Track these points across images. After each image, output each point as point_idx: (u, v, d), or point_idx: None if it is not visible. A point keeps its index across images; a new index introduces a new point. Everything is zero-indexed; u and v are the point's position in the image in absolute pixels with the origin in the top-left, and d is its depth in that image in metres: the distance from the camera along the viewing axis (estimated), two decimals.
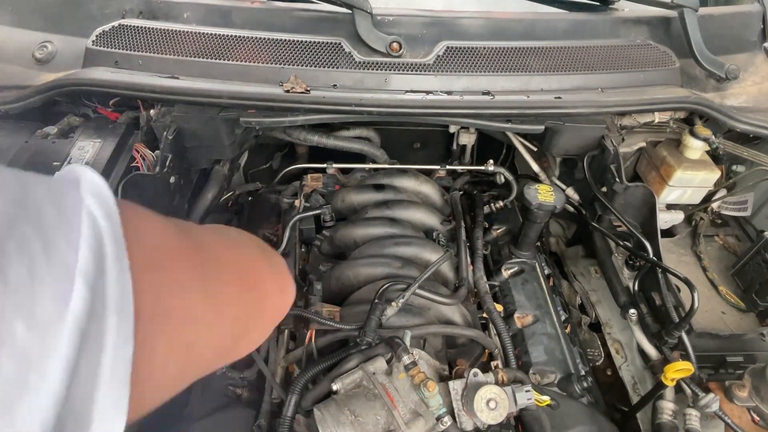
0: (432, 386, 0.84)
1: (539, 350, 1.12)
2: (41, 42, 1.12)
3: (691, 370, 0.97)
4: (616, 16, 1.21)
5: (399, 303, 1.01)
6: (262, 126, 1.12)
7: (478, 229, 1.33)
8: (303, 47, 1.06)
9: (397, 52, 1.05)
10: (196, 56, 1.06)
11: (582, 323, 1.34)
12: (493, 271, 1.30)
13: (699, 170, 1.17)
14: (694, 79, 1.20)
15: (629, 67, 1.14)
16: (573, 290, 1.42)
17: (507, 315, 1.20)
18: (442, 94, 1.06)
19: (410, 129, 1.54)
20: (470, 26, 1.12)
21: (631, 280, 1.20)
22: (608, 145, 1.17)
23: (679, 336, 1.03)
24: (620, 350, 1.26)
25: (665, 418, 1.01)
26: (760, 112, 1.14)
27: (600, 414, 1.03)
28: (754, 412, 0.99)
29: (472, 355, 1.08)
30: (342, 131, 1.39)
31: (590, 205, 1.30)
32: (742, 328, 1.14)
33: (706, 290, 1.22)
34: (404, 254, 1.19)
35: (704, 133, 1.15)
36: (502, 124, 1.12)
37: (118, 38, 1.08)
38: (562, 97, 1.07)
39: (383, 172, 1.43)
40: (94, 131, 1.06)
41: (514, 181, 1.42)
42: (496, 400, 0.85)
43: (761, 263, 1.14)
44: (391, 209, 1.32)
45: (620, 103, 1.09)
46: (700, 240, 1.33)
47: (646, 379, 1.18)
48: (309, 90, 1.02)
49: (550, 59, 1.10)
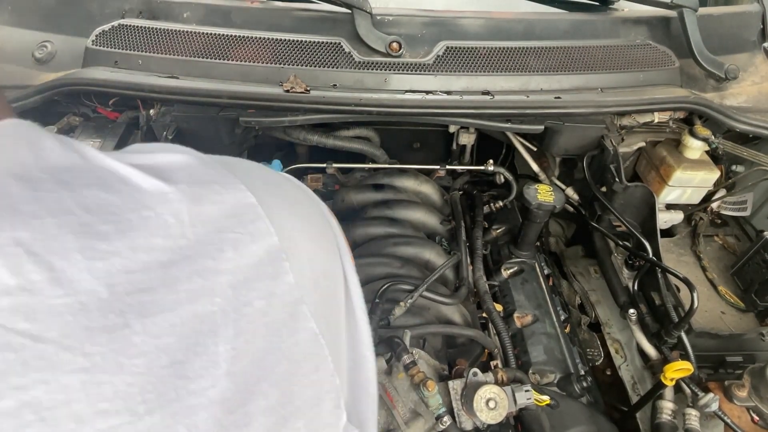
0: (431, 386, 0.84)
1: (539, 350, 1.12)
2: (41, 42, 1.12)
3: (691, 370, 0.97)
4: (615, 16, 1.21)
5: (407, 303, 1.01)
6: (262, 126, 1.12)
7: (477, 229, 1.33)
8: (303, 47, 1.06)
9: (397, 52, 1.05)
10: (195, 56, 1.06)
11: (581, 323, 1.34)
12: (493, 271, 1.31)
13: (698, 170, 1.17)
14: (693, 79, 1.20)
15: (629, 67, 1.14)
16: (572, 290, 1.43)
17: (506, 315, 1.20)
18: (442, 94, 1.06)
19: (410, 129, 1.54)
20: (470, 26, 1.12)
21: (630, 280, 1.20)
22: (608, 145, 1.18)
23: (678, 336, 1.03)
24: (620, 350, 1.27)
25: (665, 418, 1.01)
26: (759, 112, 1.14)
27: (599, 414, 1.03)
28: (753, 412, 0.99)
29: (472, 355, 1.08)
30: (342, 131, 1.39)
31: (590, 205, 1.30)
32: (741, 328, 1.14)
33: (706, 290, 1.22)
34: (404, 254, 1.19)
35: (704, 133, 1.15)
36: (501, 124, 1.12)
37: (118, 38, 1.08)
38: (561, 97, 1.07)
39: (383, 172, 1.43)
40: (93, 131, 1.06)
41: (514, 181, 1.42)
42: (496, 400, 0.85)
43: (761, 263, 1.14)
44: (391, 209, 1.32)
45: (620, 103, 1.09)
46: (699, 240, 1.33)
47: (646, 379, 1.18)
48: (309, 90, 1.02)
49: (549, 59, 1.10)
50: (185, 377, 0.28)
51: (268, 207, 0.35)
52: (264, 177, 0.41)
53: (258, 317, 0.32)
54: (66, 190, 0.30)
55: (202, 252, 0.31)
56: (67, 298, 0.26)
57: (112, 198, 0.31)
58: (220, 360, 0.29)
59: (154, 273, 0.29)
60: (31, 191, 0.29)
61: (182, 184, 0.33)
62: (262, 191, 0.36)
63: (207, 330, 0.29)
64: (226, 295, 0.31)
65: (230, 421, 0.28)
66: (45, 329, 0.25)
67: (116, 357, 0.26)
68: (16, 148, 0.32)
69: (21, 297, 0.25)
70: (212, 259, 0.31)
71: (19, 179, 0.29)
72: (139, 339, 0.27)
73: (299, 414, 0.32)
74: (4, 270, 0.26)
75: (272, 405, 0.31)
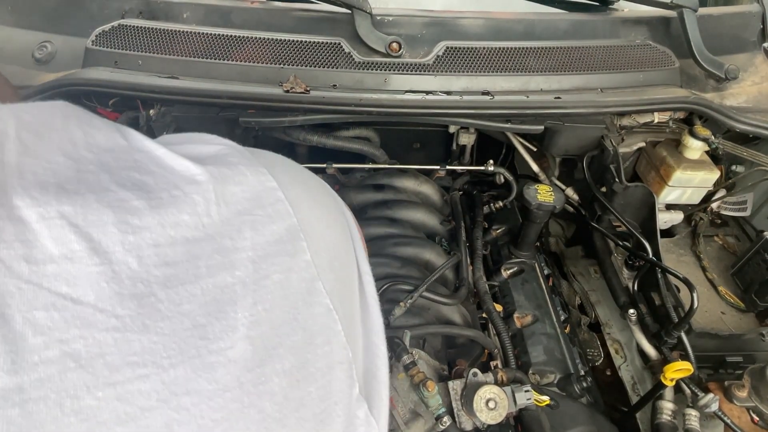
0: (431, 386, 0.84)
1: (538, 350, 1.12)
2: (41, 42, 1.12)
3: (691, 370, 0.97)
4: (615, 16, 1.21)
5: (407, 303, 1.01)
6: (262, 126, 1.12)
7: (477, 229, 1.33)
8: (302, 47, 1.06)
9: (397, 52, 1.05)
10: (195, 56, 1.06)
11: (581, 323, 1.34)
12: (493, 271, 1.30)
13: (698, 170, 1.17)
14: (693, 80, 1.20)
15: (629, 68, 1.13)
16: (572, 290, 1.43)
17: (506, 315, 1.20)
18: (442, 94, 1.06)
19: (410, 129, 1.54)
20: (470, 26, 1.12)
21: (630, 280, 1.20)
22: (608, 145, 1.18)
23: (678, 336, 1.03)
24: (620, 350, 1.27)
25: (665, 418, 1.01)
26: (759, 112, 1.14)
27: (599, 414, 1.03)
28: (753, 412, 0.99)
29: (472, 355, 1.08)
30: (342, 131, 1.38)
31: (590, 205, 1.30)
32: (741, 328, 1.14)
33: (706, 290, 1.22)
34: (404, 254, 1.19)
35: (704, 134, 1.15)
36: (501, 124, 1.12)
37: (118, 38, 1.08)
38: (561, 97, 1.07)
39: (383, 172, 1.43)
40: None
41: (514, 181, 1.42)
42: (496, 400, 0.85)
43: (761, 263, 1.14)
44: (391, 209, 1.32)
45: (620, 103, 1.09)
46: (699, 240, 1.33)
47: (646, 379, 1.18)
48: (309, 90, 1.02)
49: (549, 59, 1.10)
50: (206, 338, 0.31)
51: (288, 192, 0.39)
52: (286, 166, 0.44)
53: (276, 289, 0.35)
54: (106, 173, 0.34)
55: (223, 232, 0.35)
56: (103, 266, 0.30)
57: (146, 179, 0.34)
58: (239, 325, 0.32)
59: (179, 248, 0.33)
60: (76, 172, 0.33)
61: (210, 166, 0.37)
62: (283, 178, 0.40)
63: (227, 299, 0.33)
64: (246, 269, 0.34)
65: (248, 379, 0.32)
66: (83, 293, 0.29)
67: (143, 320, 0.30)
68: (68, 127, 0.36)
69: (63, 265, 0.29)
70: (230, 238, 0.35)
71: (68, 157, 0.33)
72: (163, 306, 0.31)
73: (312, 379, 0.35)
74: (50, 240, 0.29)
75: (287, 368, 0.34)
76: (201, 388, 0.30)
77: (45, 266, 0.29)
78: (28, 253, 0.29)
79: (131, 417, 0.28)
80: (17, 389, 0.26)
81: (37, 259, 0.29)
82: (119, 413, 0.28)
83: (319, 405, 0.36)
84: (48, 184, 0.31)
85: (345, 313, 0.39)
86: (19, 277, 0.28)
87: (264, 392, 0.32)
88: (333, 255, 0.42)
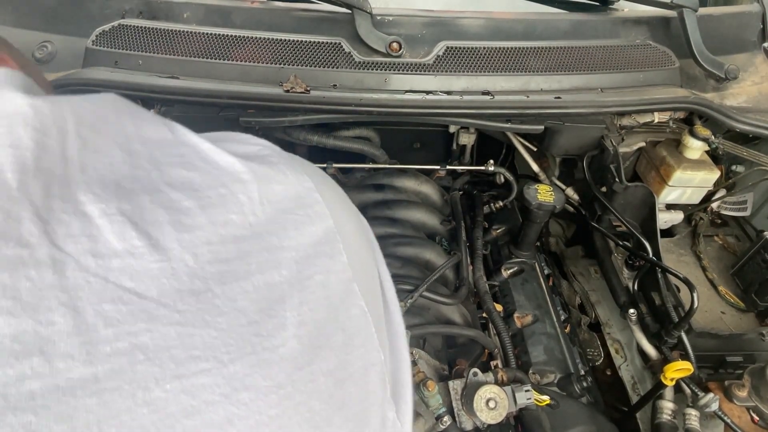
0: (432, 386, 0.84)
1: (539, 350, 1.12)
2: (41, 42, 1.12)
3: (691, 370, 0.97)
4: (615, 16, 1.21)
5: (407, 303, 1.01)
6: (262, 126, 1.12)
7: (477, 229, 1.33)
8: (303, 47, 1.06)
9: (397, 52, 1.05)
10: (195, 56, 1.06)
11: (582, 323, 1.34)
12: (493, 271, 1.31)
13: (698, 170, 1.17)
14: (693, 80, 1.20)
15: (629, 68, 1.14)
16: (573, 290, 1.43)
17: (506, 315, 1.20)
18: (442, 94, 1.06)
19: (410, 129, 1.54)
20: (470, 26, 1.12)
21: (630, 280, 1.20)
22: (608, 145, 1.18)
23: (678, 336, 1.03)
24: (620, 350, 1.27)
25: (665, 418, 1.01)
26: (759, 112, 1.14)
27: (599, 414, 1.03)
28: (753, 412, 0.99)
29: (472, 355, 1.08)
30: (342, 131, 1.39)
31: (590, 205, 1.30)
32: (741, 327, 1.14)
33: (706, 290, 1.22)
34: (404, 254, 1.19)
35: (704, 133, 1.15)
36: (501, 124, 1.12)
37: (118, 38, 1.08)
38: (561, 97, 1.07)
39: (383, 172, 1.43)
40: None
41: (514, 181, 1.42)
42: (496, 400, 0.85)
43: (761, 263, 1.14)
44: (391, 209, 1.32)
45: (620, 103, 1.09)
46: (699, 240, 1.33)
47: (646, 379, 1.18)
48: (309, 90, 1.02)
49: (549, 59, 1.10)
50: (260, 335, 0.32)
51: (323, 194, 0.40)
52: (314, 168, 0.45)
53: (318, 290, 0.36)
54: (156, 170, 0.35)
55: (269, 230, 0.35)
56: (163, 263, 0.31)
57: (193, 175, 0.36)
58: (288, 324, 0.33)
59: (230, 245, 0.33)
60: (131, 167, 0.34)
61: (253, 163, 0.37)
62: (317, 179, 0.41)
63: (276, 297, 0.33)
64: (291, 269, 0.35)
65: (298, 377, 0.32)
66: (146, 288, 0.30)
67: (202, 315, 0.31)
68: (120, 120, 0.37)
69: (127, 260, 0.30)
70: (277, 236, 0.35)
71: (123, 151, 0.35)
72: (220, 302, 0.31)
73: (351, 380, 0.36)
74: (113, 236, 0.30)
75: (331, 369, 0.34)
76: (258, 384, 0.30)
77: (110, 260, 0.30)
78: (94, 248, 0.30)
79: (196, 410, 0.28)
80: (93, 379, 0.27)
81: (102, 253, 0.30)
82: (185, 406, 0.28)
83: (359, 405, 0.36)
84: (107, 180, 0.33)
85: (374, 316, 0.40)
86: (87, 270, 0.29)
87: (313, 391, 0.33)
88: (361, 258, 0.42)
